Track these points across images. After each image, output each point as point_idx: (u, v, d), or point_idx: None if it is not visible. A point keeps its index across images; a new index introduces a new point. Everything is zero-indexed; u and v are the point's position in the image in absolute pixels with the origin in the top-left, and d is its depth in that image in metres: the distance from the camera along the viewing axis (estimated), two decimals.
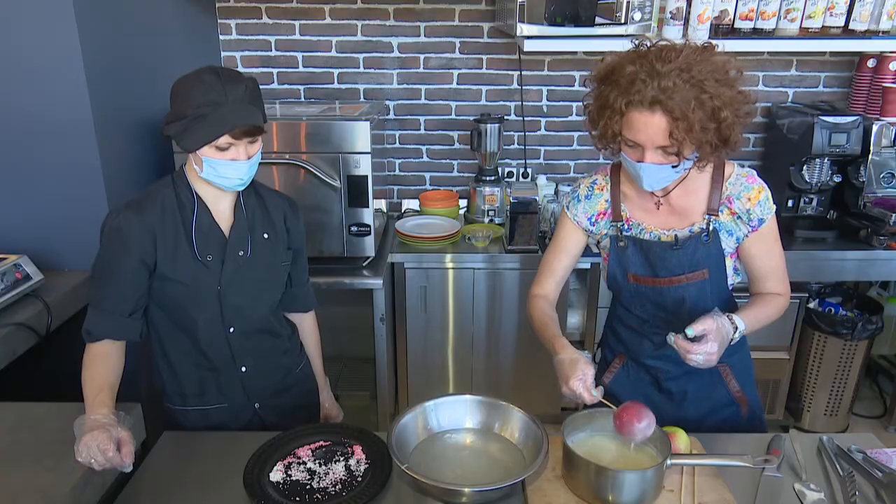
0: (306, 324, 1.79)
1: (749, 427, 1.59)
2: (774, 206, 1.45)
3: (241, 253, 1.51)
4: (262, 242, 1.55)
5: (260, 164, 1.47)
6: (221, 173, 1.41)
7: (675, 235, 1.47)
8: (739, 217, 1.44)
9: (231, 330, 1.53)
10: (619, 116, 1.30)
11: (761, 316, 1.45)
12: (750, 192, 1.43)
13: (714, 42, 1.32)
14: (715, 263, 1.47)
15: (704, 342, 1.29)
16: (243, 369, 1.58)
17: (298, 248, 1.66)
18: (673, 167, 1.33)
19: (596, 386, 1.34)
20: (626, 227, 1.51)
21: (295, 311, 1.75)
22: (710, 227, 1.45)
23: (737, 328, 1.36)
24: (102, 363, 1.38)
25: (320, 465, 1.35)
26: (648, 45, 1.31)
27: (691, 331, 1.29)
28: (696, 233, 1.46)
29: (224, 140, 1.36)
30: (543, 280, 1.60)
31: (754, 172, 1.47)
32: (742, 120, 1.30)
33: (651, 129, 1.27)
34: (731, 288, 1.54)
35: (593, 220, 1.55)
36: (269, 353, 1.63)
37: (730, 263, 1.50)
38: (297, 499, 1.25)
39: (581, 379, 1.32)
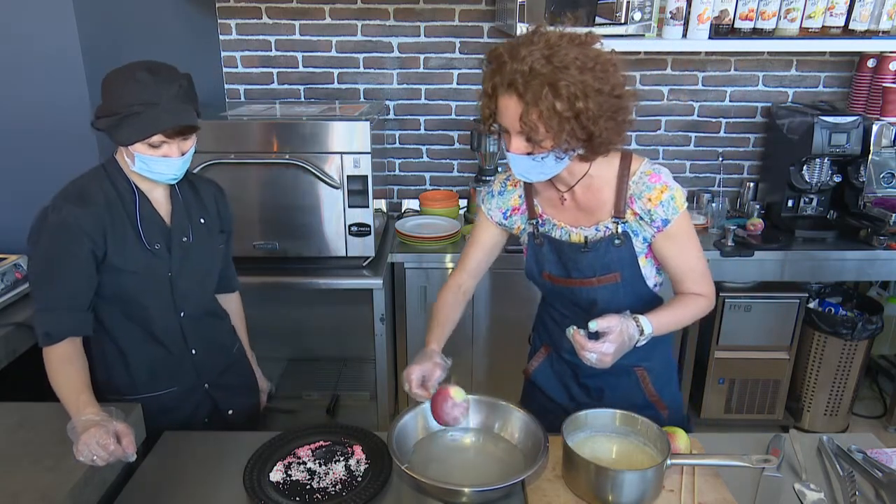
0: (233, 304, 1.83)
1: None
2: (684, 205, 1.38)
3: (184, 239, 1.54)
4: (200, 227, 1.58)
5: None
6: (153, 168, 1.41)
7: (585, 237, 1.44)
8: (641, 217, 1.40)
9: (182, 315, 1.56)
10: (488, 98, 1.28)
11: (673, 319, 1.41)
12: (651, 191, 1.37)
13: (596, 34, 1.26)
14: (627, 266, 1.44)
15: (601, 342, 1.28)
16: (193, 352, 1.61)
17: (230, 230, 1.70)
18: (531, 158, 1.29)
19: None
20: (540, 222, 1.51)
21: (224, 292, 1.78)
22: (619, 231, 1.41)
23: (643, 331, 1.33)
24: (72, 365, 1.37)
25: (320, 465, 1.35)
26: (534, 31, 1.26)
27: (594, 324, 1.29)
28: (605, 234, 1.43)
29: (157, 138, 1.37)
30: (458, 271, 1.62)
31: (662, 170, 1.40)
32: (611, 116, 1.24)
33: (509, 112, 1.24)
34: (654, 286, 1.50)
35: (507, 214, 1.55)
36: (215, 335, 1.68)
37: (647, 263, 1.46)
38: (297, 499, 1.25)
39: (416, 371, 1.39)
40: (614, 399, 1.54)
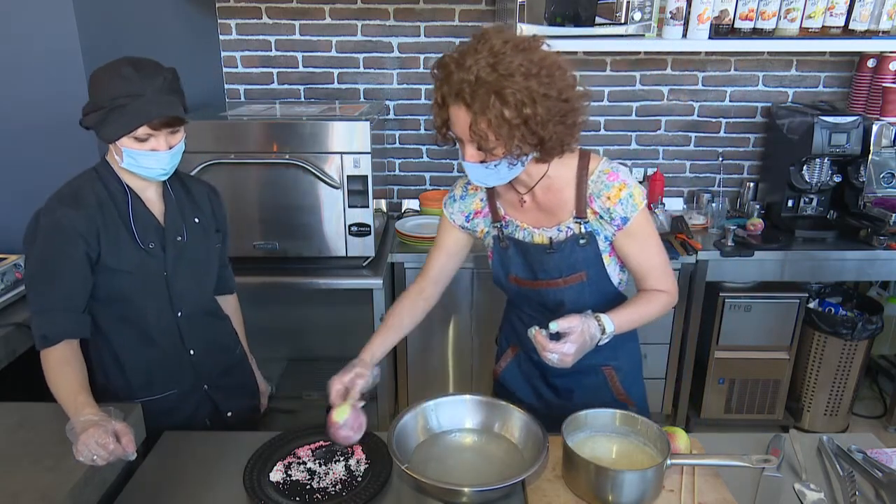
0: (231, 306, 1.82)
1: None
2: (643, 202, 1.39)
3: (178, 238, 1.54)
4: (195, 227, 1.58)
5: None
6: (142, 164, 1.41)
7: (550, 238, 1.45)
8: (601, 216, 1.40)
9: (179, 314, 1.56)
10: (439, 108, 1.28)
11: (635, 317, 1.42)
12: (610, 190, 1.38)
13: (540, 36, 1.26)
14: (593, 266, 1.44)
15: (563, 342, 1.28)
16: (192, 352, 1.60)
17: (225, 230, 1.70)
18: (485, 166, 1.29)
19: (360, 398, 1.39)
20: (503, 224, 1.51)
21: (221, 293, 1.77)
22: (583, 230, 1.42)
23: (604, 330, 1.34)
24: (70, 366, 1.36)
25: (320, 465, 1.35)
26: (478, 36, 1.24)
27: (555, 325, 1.29)
28: (568, 234, 1.43)
29: (143, 131, 1.36)
30: (420, 277, 1.60)
31: (620, 168, 1.41)
32: (560, 120, 1.24)
33: (459, 121, 1.24)
34: (618, 284, 1.50)
35: (469, 217, 1.55)
36: (215, 336, 1.68)
37: (611, 261, 1.46)
38: (297, 499, 1.25)
39: (337, 383, 1.38)
40: (583, 398, 1.54)
